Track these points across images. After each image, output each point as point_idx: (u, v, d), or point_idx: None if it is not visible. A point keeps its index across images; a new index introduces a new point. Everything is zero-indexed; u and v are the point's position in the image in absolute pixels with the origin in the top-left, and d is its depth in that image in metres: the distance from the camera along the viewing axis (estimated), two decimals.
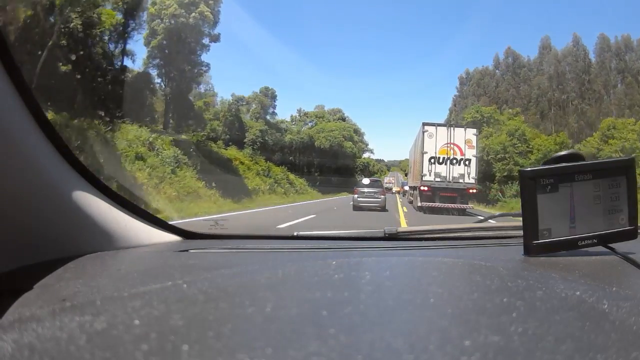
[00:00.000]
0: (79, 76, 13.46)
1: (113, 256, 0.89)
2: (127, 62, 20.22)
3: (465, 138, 14.94)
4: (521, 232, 0.87)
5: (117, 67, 18.46)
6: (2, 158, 0.69)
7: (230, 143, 28.42)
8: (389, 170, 65.74)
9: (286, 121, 40.89)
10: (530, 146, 27.88)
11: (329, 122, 41.28)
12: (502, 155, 26.78)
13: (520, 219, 0.88)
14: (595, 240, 0.86)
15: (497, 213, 6.58)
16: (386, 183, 38.50)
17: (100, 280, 0.74)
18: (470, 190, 14.85)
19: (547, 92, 39.98)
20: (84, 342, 0.35)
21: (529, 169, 0.86)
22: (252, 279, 0.61)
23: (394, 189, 35.98)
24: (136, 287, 0.59)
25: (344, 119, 44.08)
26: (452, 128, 15.41)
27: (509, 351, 0.36)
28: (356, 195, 14.41)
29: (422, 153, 14.96)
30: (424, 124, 15.34)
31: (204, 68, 24.09)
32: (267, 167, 26.85)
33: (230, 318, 0.43)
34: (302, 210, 13.90)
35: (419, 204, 14.81)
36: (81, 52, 14.12)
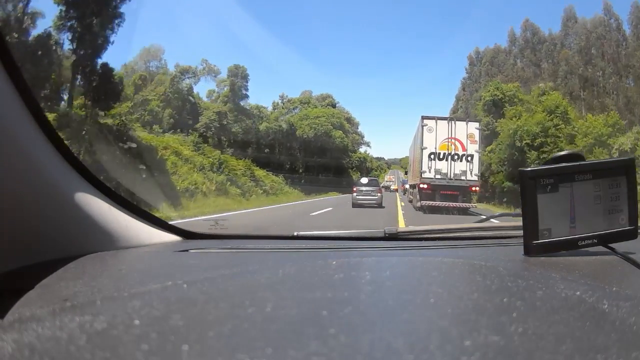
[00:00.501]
0: None
1: (113, 256, 0.89)
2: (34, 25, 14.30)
3: (468, 132, 13.70)
4: (521, 232, 0.88)
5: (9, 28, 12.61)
6: (2, 158, 0.69)
7: (179, 129, 22.05)
8: (389, 168, 65.52)
9: (264, 107, 32.51)
10: (575, 129, 21.92)
11: (315, 107, 33.57)
12: (542, 141, 20.62)
13: (520, 219, 0.88)
14: (595, 240, 0.86)
15: (497, 213, 6.54)
16: (386, 181, 38.95)
17: (101, 280, 0.74)
18: (473, 188, 13.84)
19: (578, 69, 32.76)
20: (84, 342, 0.35)
21: (529, 169, 0.86)
22: (252, 279, 0.61)
23: (392, 187, 34.14)
24: (136, 287, 0.59)
25: (334, 105, 35.88)
26: (453, 122, 14.13)
27: (509, 351, 0.36)
28: (355, 194, 15.04)
29: (422, 148, 13.86)
30: (423, 118, 14.11)
31: (117, 20, 15.91)
32: (219, 159, 19.94)
33: (230, 318, 0.43)
34: None
35: (419, 203, 13.88)
36: None
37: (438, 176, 13.61)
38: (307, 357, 0.33)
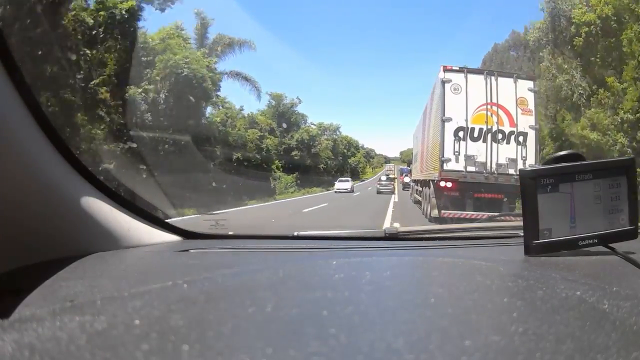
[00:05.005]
0: None
1: (114, 256, 0.89)
2: None
3: (517, 96, 7.98)
4: (521, 232, 0.88)
5: None
6: (2, 158, 0.69)
7: None
8: (386, 162, 66.83)
9: None
10: None
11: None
12: None
13: (520, 219, 0.88)
14: (595, 240, 0.86)
15: (497, 213, 6.36)
16: (387, 171, 43.56)
17: (101, 280, 0.74)
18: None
19: None
20: (85, 342, 0.35)
21: (529, 169, 0.86)
22: (252, 279, 0.61)
23: (391, 175, 34.07)
24: (137, 287, 0.59)
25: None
26: (492, 77, 8.14)
27: (509, 351, 0.36)
28: (378, 185, 22.75)
29: (443, 120, 8.08)
30: (445, 70, 8.25)
31: None
32: None
33: (230, 318, 0.43)
34: None
35: (435, 212, 8.34)
36: None
37: (471, 168, 8.02)
38: (307, 357, 0.33)
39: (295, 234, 1.23)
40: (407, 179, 20.88)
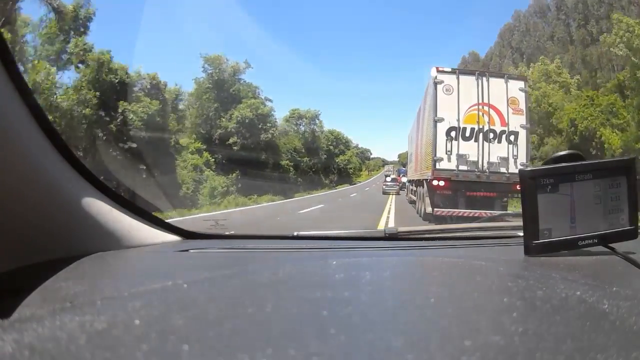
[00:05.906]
0: None
1: (114, 256, 0.89)
2: None
3: (508, 96, 8.31)
4: (521, 232, 0.88)
5: None
6: (1, 158, 0.69)
7: None
8: (385, 164, 68.29)
9: None
10: None
11: None
12: None
13: (520, 219, 0.88)
14: (595, 240, 0.86)
15: (497, 213, 6.40)
16: (386, 171, 47.49)
17: (101, 280, 0.74)
18: (519, 186, 4.46)
19: None
20: (84, 342, 0.35)
21: (529, 169, 0.86)
22: (252, 279, 0.61)
23: (392, 176, 34.75)
24: (136, 287, 0.59)
25: None
26: (484, 78, 8.46)
27: (509, 351, 0.36)
28: (384, 186, 25.54)
29: (435, 121, 8.35)
30: (437, 71, 8.56)
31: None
32: None
33: (230, 318, 0.43)
34: None
35: (429, 209, 8.61)
36: None
37: (463, 167, 8.27)
38: (307, 357, 0.33)
39: (295, 234, 1.23)
40: (404, 179, 20.33)
